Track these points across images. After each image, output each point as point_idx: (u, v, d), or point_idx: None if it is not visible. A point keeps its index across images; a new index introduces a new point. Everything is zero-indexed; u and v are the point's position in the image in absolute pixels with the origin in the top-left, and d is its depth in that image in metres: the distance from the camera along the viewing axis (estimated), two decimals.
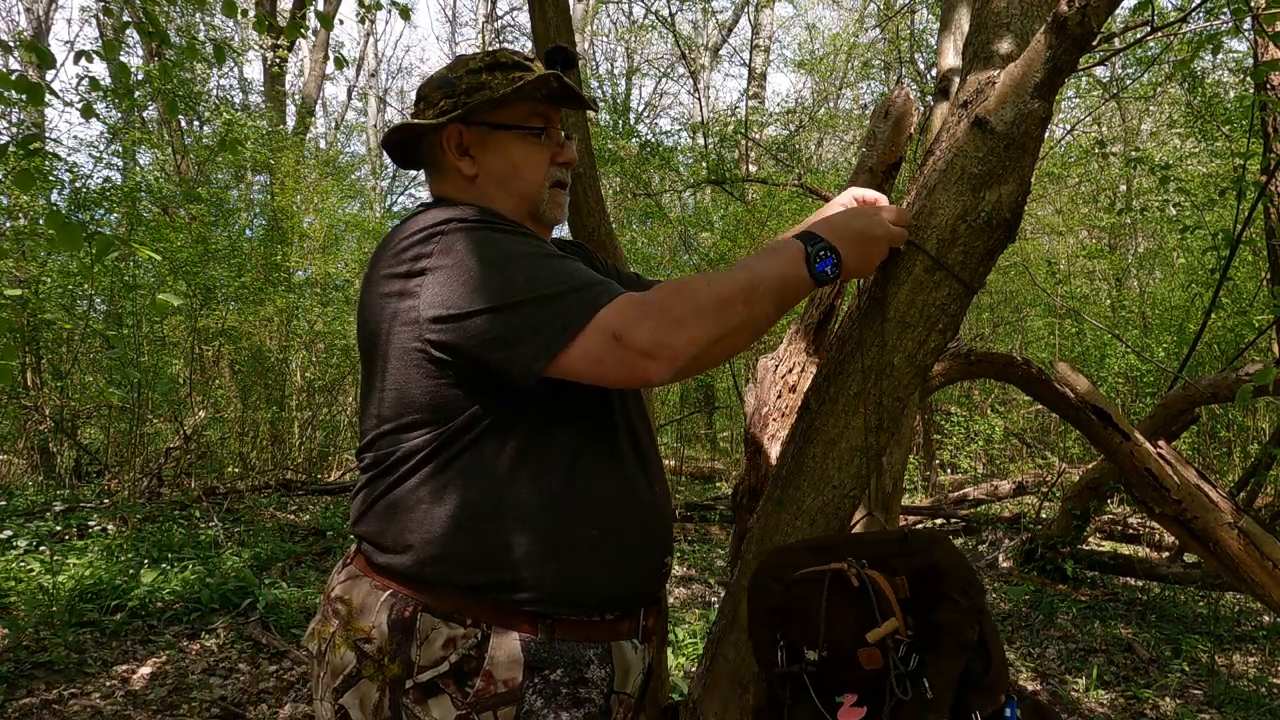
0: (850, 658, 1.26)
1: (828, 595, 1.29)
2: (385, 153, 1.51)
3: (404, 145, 1.50)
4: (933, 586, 1.27)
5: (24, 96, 3.16)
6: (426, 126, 1.42)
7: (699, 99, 16.56)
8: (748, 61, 16.30)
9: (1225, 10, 5.78)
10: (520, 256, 1.26)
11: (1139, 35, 5.32)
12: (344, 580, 1.37)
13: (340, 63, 4.78)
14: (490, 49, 1.43)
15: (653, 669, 1.50)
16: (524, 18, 20.55)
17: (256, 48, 13.95)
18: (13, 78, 3.13)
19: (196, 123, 13.51)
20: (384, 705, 1.25)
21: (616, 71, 22.20)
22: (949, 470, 11.03)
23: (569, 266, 1.27)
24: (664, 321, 1.19)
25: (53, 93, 3.44)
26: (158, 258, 4.09)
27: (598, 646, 1.33)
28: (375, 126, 25.27)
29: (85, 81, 4.33)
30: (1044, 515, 7.10)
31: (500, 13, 23.79)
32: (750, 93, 15.69)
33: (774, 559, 1.39)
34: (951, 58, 2.87)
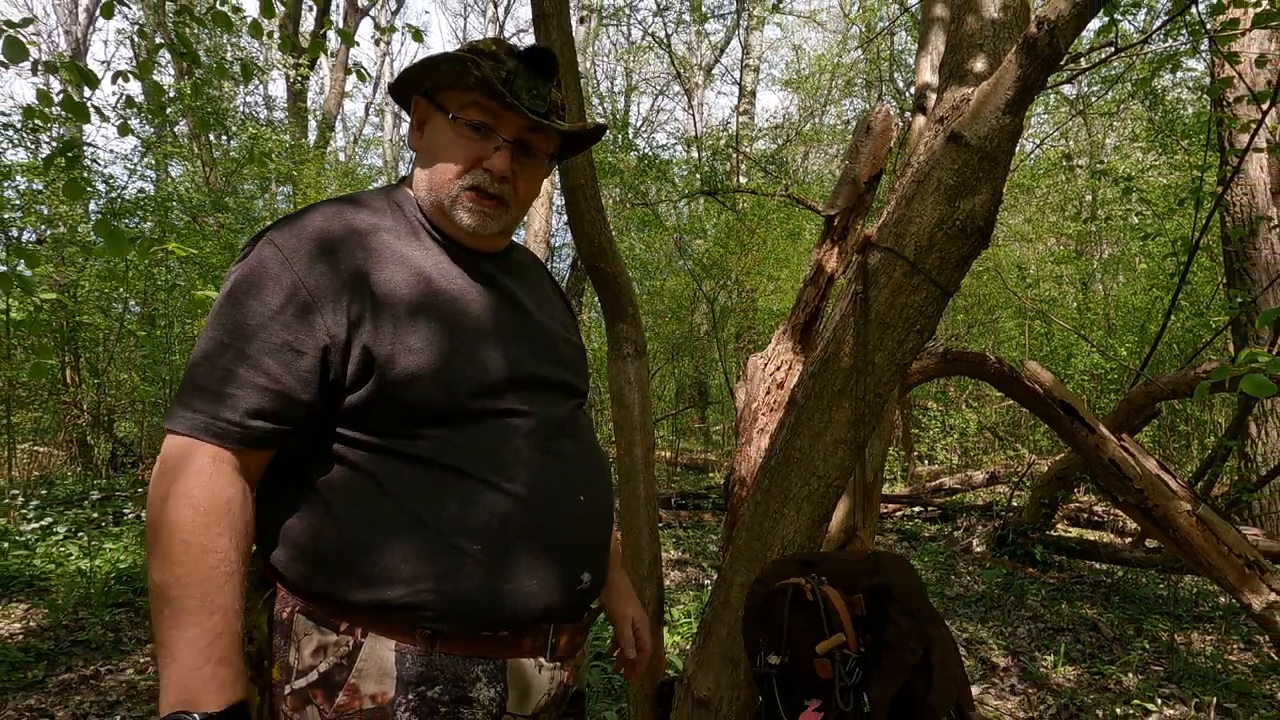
0: (808, 666, 1.27)
1: (790, 606, 1.31)
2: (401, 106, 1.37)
3: None
4: (884, 606, 1.28)
5: (70, 115, 3.18)
6: (392, 88, 1.30)
7: (693, 115, 16.57)
8: (738, 80, 16.29)
9: (1184, 32, 5.78)
10: (213, 324, 1.13)
11: (1103, 55, 5.33)
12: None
13: (362, 75, 4.78)
14: (494, 36, 1.33)
15: (577, 691, 1.33)
16: (530, 39, 20.54)
17: (280, 67, 13.93)
18: (58, 98, 3.14)
19: (224, 137, 13.48)
20: (264, 709, 1.14)
21: (616, 89, 22.19)
22: (926, 461, 11.04)
23: (219, 361, 1.10)
24: (162, 513, 1.04)
25: (98, 111, 3.44)
26: (194, 252, 4.09)
27: (487, 664, 1.15)
28: (391, 141, 25.31)
29: (122, 99, 4.33)
30: (1015, 503, 7.11)
31: (508, 35, 23.80)
32: (741, 109, 15.68)
33: (772, 567, 1.39)
34: (929, 75, 2.87)
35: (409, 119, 1.35)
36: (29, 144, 8.73)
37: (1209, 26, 4.77)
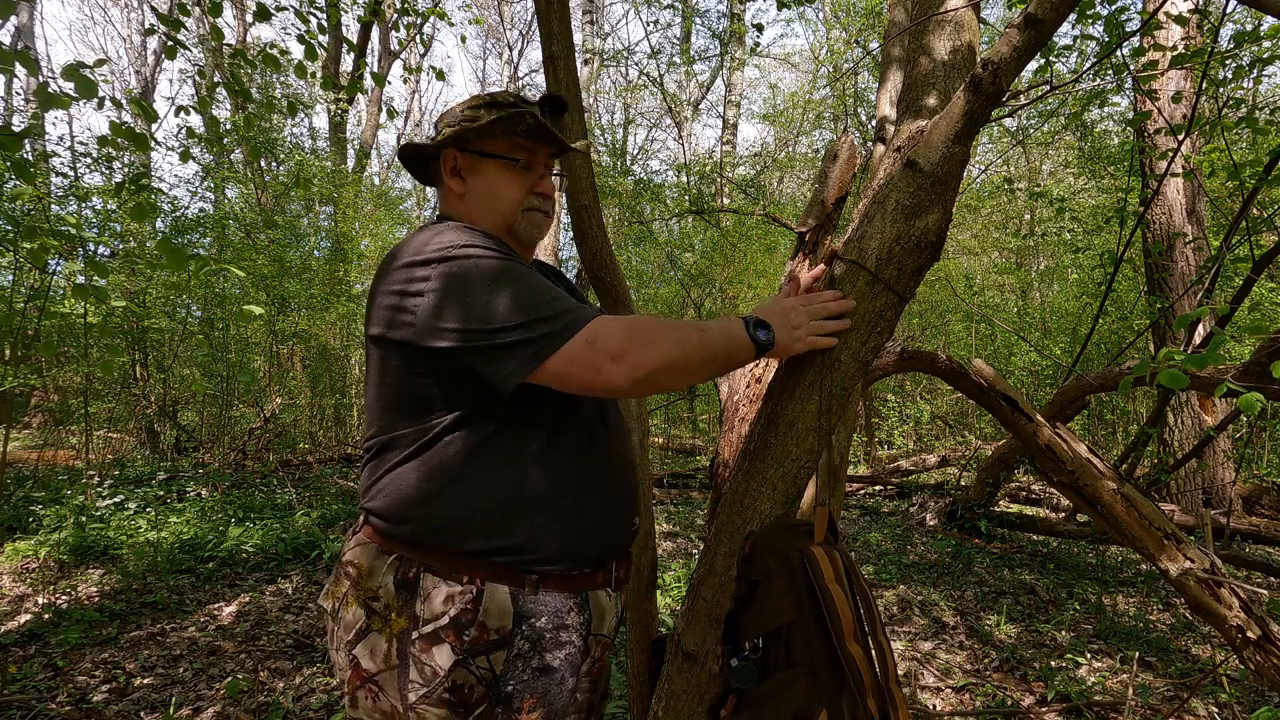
0: None
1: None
2: (403, 166, 1.46)
3: (419, 163, 1.45)
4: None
5: (132, 144, 3.16)
6: (426, 147, 1.39)
7: (682, 144, 16.55)
8: (722, 114, 16.27)
9: (1110, 72, 5.78)
10: (510, 280, 1.19)
11: (1040, 92, 5.32)
12: (354, 547, 1.32)
13: (391, 113, 4.79)
14: (494, 90, 1.42)
15: (626, 612, 1.48)
16: (540, 78, 20.50)
17: (323, 102, 13.87)
18: (122, 129, 3.12)
19: (274, 163, 13.45)
20: (392, 653, 1.21)
21: (615, 122, 22.17)
22: (886, 446, 11.05)
23: (552, 292, 1.20)
24: (633, 334, 1.16)
25: (156, 141, 3.42)
26: (242, 275, 4.07)
27: (576, 596, 1.29)
28: None
29: (184, 131, 4.32)
30: (963, 483, 7.12)
31: (520, 75, 23.73)
32: (724, 139, 15.67)
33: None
34: (888, 109, 2.86)
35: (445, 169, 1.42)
36: (104, 169, 8.69)
37: (1132, 68, 4.77)
